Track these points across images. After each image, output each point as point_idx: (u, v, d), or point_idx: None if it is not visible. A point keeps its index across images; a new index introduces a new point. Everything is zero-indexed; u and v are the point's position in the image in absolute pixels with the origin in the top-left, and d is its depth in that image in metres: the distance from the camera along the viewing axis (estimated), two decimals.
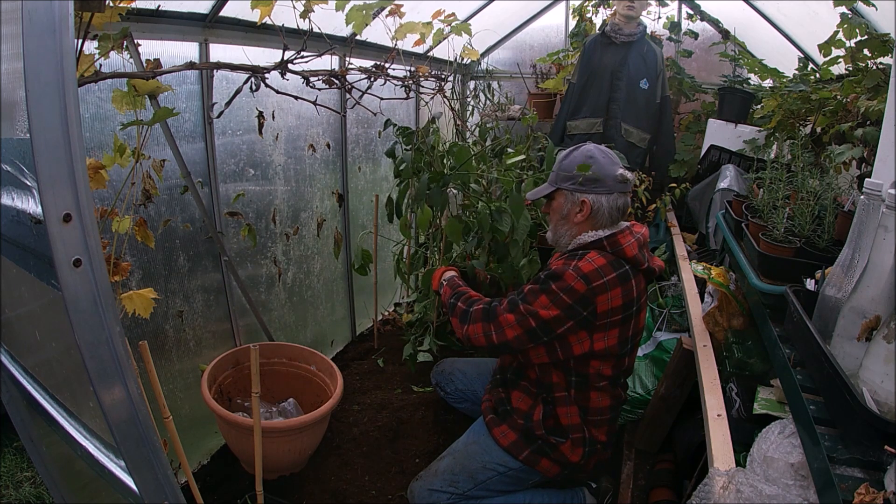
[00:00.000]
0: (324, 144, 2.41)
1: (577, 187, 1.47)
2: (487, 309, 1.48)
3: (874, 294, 1.00)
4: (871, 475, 0.87)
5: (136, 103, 1.23)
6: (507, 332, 1.42)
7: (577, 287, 1.36)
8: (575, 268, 1.38)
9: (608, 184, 1.46)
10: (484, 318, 1.47)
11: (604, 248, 1.44)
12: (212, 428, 1.92)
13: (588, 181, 1.46)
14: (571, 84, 3.09)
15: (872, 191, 1.09)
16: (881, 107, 1.63)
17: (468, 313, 1.51)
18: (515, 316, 1.41)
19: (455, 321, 1.55)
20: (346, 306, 2.80)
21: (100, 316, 0.73)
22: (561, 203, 1.51)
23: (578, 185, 1.47)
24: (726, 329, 1.62)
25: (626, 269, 1.42)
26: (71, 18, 0.66)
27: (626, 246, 1.43)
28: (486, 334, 1.45)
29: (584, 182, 1.46)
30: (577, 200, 1.48)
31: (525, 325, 1.40)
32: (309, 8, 1.60)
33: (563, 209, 1.51)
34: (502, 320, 1.43)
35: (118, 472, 0.86)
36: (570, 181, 1.48)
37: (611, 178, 1.47)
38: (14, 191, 0.80)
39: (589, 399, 1.47)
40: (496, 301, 1.51)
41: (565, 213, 1.51)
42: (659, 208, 2.72)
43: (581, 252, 1.45)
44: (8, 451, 2.06)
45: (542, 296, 1.39)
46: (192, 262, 1.82)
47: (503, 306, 1.45)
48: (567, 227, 1.51)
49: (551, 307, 1.38)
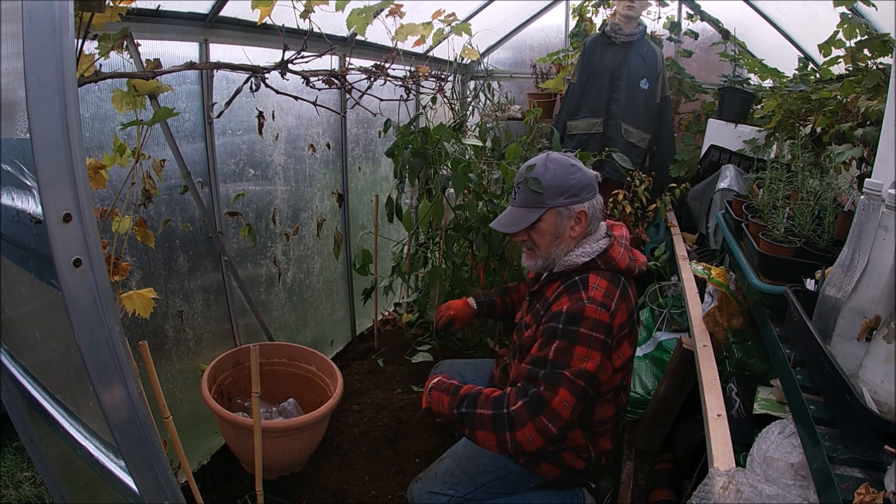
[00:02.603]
0: (324, 144, 2.41)
1: (573, 199, 1.37)
2: (527, 401, 1.24)
3: (874, 294, 1.00)
4: (871, 475, 0.87)
5: (136, 103, 1.23)
6: (565, 412, 1.23)
7: (602, 318, 1.27)
8: (590, 300, 1.28)
9: (594, 186, 1.41)
10: (530, 413, 1.23)
11: (598, 266, 1.36)
12: (212, 428, 1.92)
13: (580, 189, 1.37)
14: (571, 84, 3.09)
15: (872, 191, 1.09)
16: (881, 107, 1.62)
17: (503, 417, 1.25)
18: (566, 388, 1.23)
19: (485, 435, 1.27)
20: (346, 306, 2.80)
21: (100, 316, 0.73)
22: (553, 223, 1.39)
23: (572, 197, 1.37)
24: (726, 329, 1.62)
25: (623, 282, 1.38)
26: (71, 18, 0.66)
27: (619, 259, 1.38)
28: (543, 431, 1.23)
29: (577, 192, 1.37)
30: (573, 214, 1.38)
31: (577, 391, 1.24)
32: (309, 8, 1.61)
33: (557, 228, 1.39)
34: (556, 404, 1.22)
35: (118, 472, 0.86)
36: (564, 195, 1.37)
37: (593, 180, 1.41)
38: (14, 191, 0.80)
39: (593, 413, 1.43)
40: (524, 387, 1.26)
41: (560, 232, 1.39)
42: (659, 208, 2.72)
43: (578, 277, 1.35)
44: (8, 451, 2.06)
45: (577, 347, 1.25)
46: (192, 262, 1.82)
47: (544, 389, 1.23)
48: (563, 245, 1.40)
49: (592, 353, 1.25)
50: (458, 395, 1.34)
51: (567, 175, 1.38)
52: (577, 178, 1.38)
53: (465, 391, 1.35)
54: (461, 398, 1.33)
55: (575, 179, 1.38)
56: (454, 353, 2.37)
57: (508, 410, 1.26)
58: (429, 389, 1.42)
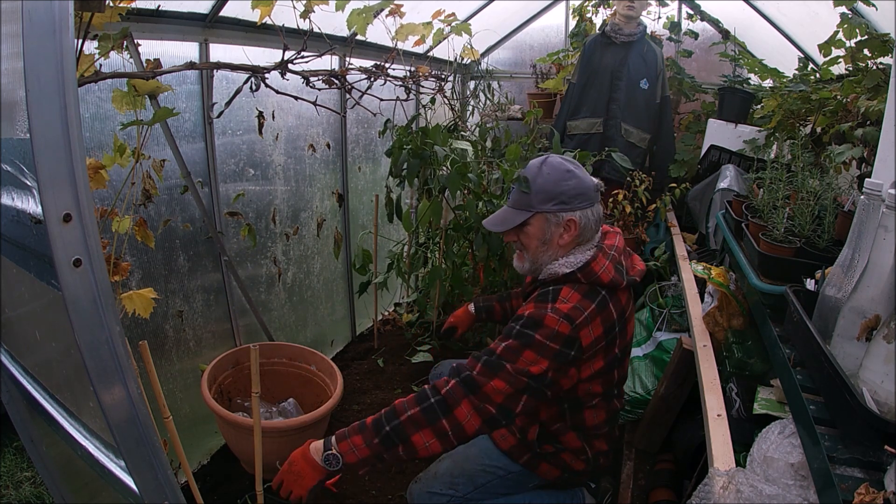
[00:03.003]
0: (324, 144, 2.41)
1: (562, 206, 1.32)
2: (460, 380, 1.21)
3: (874, 294, 1.00)
4: (871, 475, 0.87)
5: (136, 103, 1.23)
6: (497, 398, 1.20)
7: (561, 330, 1.23)
8: (554, 310, 1.25)
9: (590, 195, 1.34)
10: (465, 390, 1.20)
11: (578, 280, 1.31)
12: (212, 428, 1.92)
13: (572, 197, 1.32)
14: (571, 84, 3.09)
15: (872, 191, 1.09)
16: (881, 107, 1.63)
17: (435, 406, 1.19)
18: (503, 379, 1.20)
19: (422, 435, 1.18)
20: (346, 306, 2.80)
21: (100, 316, 0.73)
22: (540, 228, 1.35)
23: (562, 204, 1.32)
24: (726, 329, 1.62)
25: (603, 296, 1.31)
26: (71, 18, 0.66)
27: (602, 272, 1.31)
28: (480, 409, 1.19)
29: (568, 199, 1.32)
30: (561, 221, 1.33)
31: (515, 384, 1.21)
32: (309, 8, 1.61)
33: (545, 234, 1.35)
34: (489, 389, 1.19)
35: (118, 472, 0.86)
36: (553, 201, 1.32)
37: (592, 189, 1.35)
38: (14, 191, 0.80)
39: (584, 419, 1.41)
40: (459, 370, 1.24)
41: (548, 238, 1.35)
42: (659, 208, 2.72)
43: (553, 289, 1.31)
44: (8, 451, 2.06)
45: (527, 351, 1.22)
46: (192, 262, 1.82)
47: (477, 373, 1.21)
48: (551, 251, 1.36)
49: (540, 360, 1.22)
50: (368, 426, 1.20)
51: (560, 181, 1.33)
52: (571, 186, 1.33)
53: (371, 419, 1.23)
54: (375, 423, 1.21)
55: (567, 186, 1.33)
56: (454, 354, 2.38)
57: (441, 394, 1.20)
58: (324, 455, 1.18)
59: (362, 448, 1.18)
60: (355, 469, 1.20)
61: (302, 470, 1.20)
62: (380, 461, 1.21)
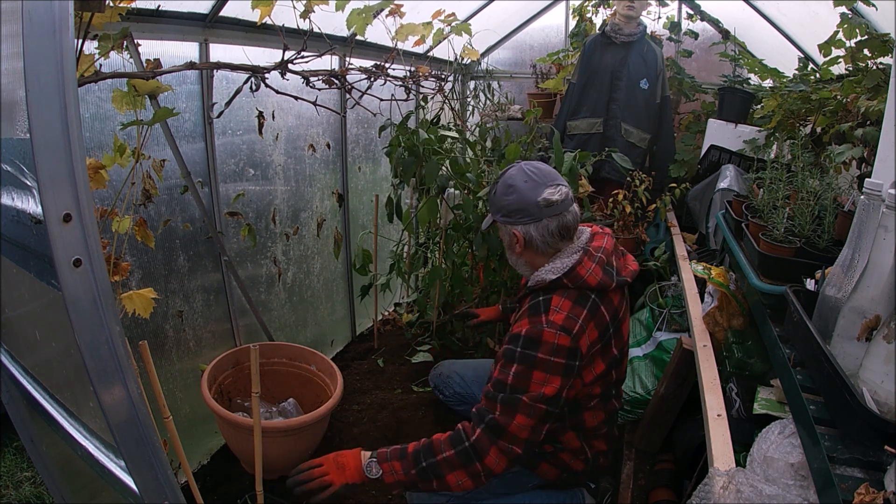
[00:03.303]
0: (324, 144, 2.41)
1: (505, 219, 1.37)
2: (484, 427, 1.25)
3: (874, 294, 1.00)
4: (871, 475, 0.87)
5: (136, 103, 1.23)
6: (522, 434, 1.23)
7: (561, 343, 1.24)
8: (549, 324, 1.25)
9: (532, 212, 1.32)
10: (490, 438, 1.24)
11: (565, 286, 1.31)
12: (212, 428, 1.92)
13: (512, 212, 1.34)
14: (571, 84, 3.09)
15: (872, 191, 1.09)
16: (881, 107, 1.63)
17: (467, 450, 1.25)
18: (523, 413, 1.23)
19: (457, 475, 1.25)
20: (346, 306, 2.80)
21: (100, 316, 0.73)
22: (503, 234, 1.42)
23: (505, 217, 1.36)
24: (726, 329, 1.62)
25: (593, 299, 1.32)
26: (71, 18, 0.66)
27: (588, 276, 1.31)
28: (506, 452, 1.24)
29: (509, 213, 1.35)
30: (509, 232, 1.38)
31: (536, 415, 1.23)
32: (309, 8, 1.61)
33: (505, 240, 1.42)
34: (513, 428, 1.23)
35: (118, 472, 0.86)
36: (500, 213, 1.38)
37: (533, 206, 1.32)
38: (14, 191, 0.80)
39: (583, 420, 1.42)
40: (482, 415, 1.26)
41: (508, 244, 1.42)
42: (659, 208, 2.72)
43: (543, 299, 1.31)
44: (8, 451, 2.06)
45: (535, 372, 1.23)
46: (192, 262, 1.82)
47: (499, 414, 1.24)
48: (515, 257, 1.42)
49: (550, 378, 1.23)
50: (409, 455, 1.28)
51: (503, 195, 1.36)
52: (510, 201, 1.34)
53: (413, 447, 1.30)
54: (415, 454, 1.28)
55: (507, 201, 1.35)
56: (454, 353, 2.38)
57: (470, 442, 1.25)
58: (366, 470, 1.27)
59: (400, 473, 1.27)
60: (390, 488, 1.32)
61: (347, 464, 1.29)
62: (414, 488, 1.32)
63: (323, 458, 1.32)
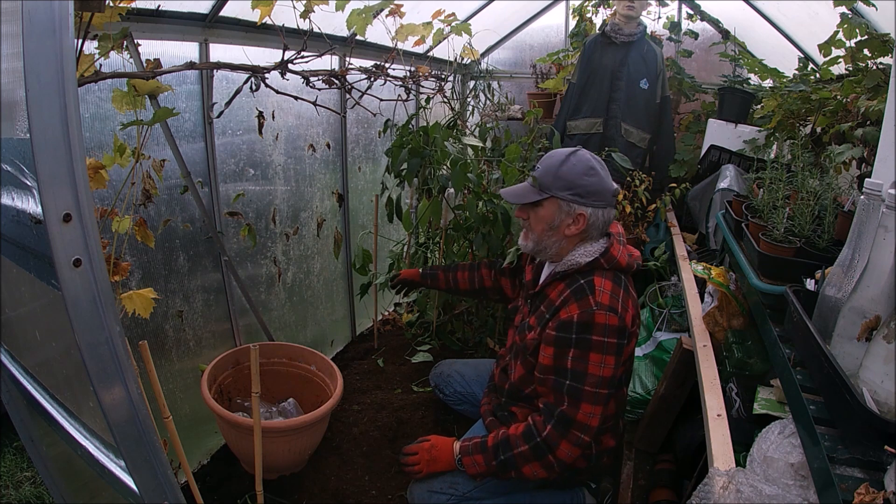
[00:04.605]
0: (324, 144, 2.41)
1: (576, 198, 1.37)
2: (555, 422, 1.32)
3: (874, 294, 1.00)
4: (871, 475, 0.87)
5: (136, 103, 1.23)
6: (592, 421, 1.31)
7: (612, 322, 1.29)
8: (597, 304, 1.30)
9: (606, 198, 1.40)
10: (560, 432, 1.31)
11: (602, 266, 1.36)
12: (212, 428, 1.92)
13: (589, 193, 1.37)
14: (571, 84, 3.09)
15: (872, 191, 1.09)
16: (881, 107, 1.63)
17: (540, 445, 1.33)
18: (588, 401, 1.30)
19: (532, 467, 1.35)
20: (346, 306, 2.80)
21: (100, 316, 0.73)
22: (551, 212, 1.39)
23: (577, 196, 1.37)
24: (726, 329, 1.62)
25: (624, 279, 1.39)
26: (71, 18, 0.66)
27: (620, 257, 1.39)
28: (578, 443, 1.32)
29: (585, 194, 1.37)
30: (572, 212, 1.38)
31: (600, 400, 1.31)
32: (309, 8, 1.61)
33: (554, 219, 1.39)
34: (582, 417, 1.30)
35: (118, 472, 0.86)
36: (570, 190, 1.37)
37: (610, 192, 1.40)
38: (14, 191, 0.80)
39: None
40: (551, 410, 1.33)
41: (556, 224, 1.39)
42: (659, 208, 2.72)
43: (583, 281, 1.35)
44: (8, 451, 2.06)
45: (592, 354, 1.29)
46: (192, 262, 1.82)
47: (567, 406, 1.30)
48: (556, 238, 1.41)
49: (606, 359, 1.29)
50: (489, 448, 1.40)
51: (582, 174, 1.37)
52: (590, 182, 1.37)
53: (492, 441, 1.40)
54: (494, 448, 1.39)
55: (587, 182, 1.37)
56: (454, 353, 2.38)
57: (541, 437, 1.33)
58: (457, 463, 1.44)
59: (482, 465, 1.40)
60: (473, 478, 1.43)
61: (440, 457, 1.46)
62: (495, 477, 1.42)
63: (419, 446, 1.49)
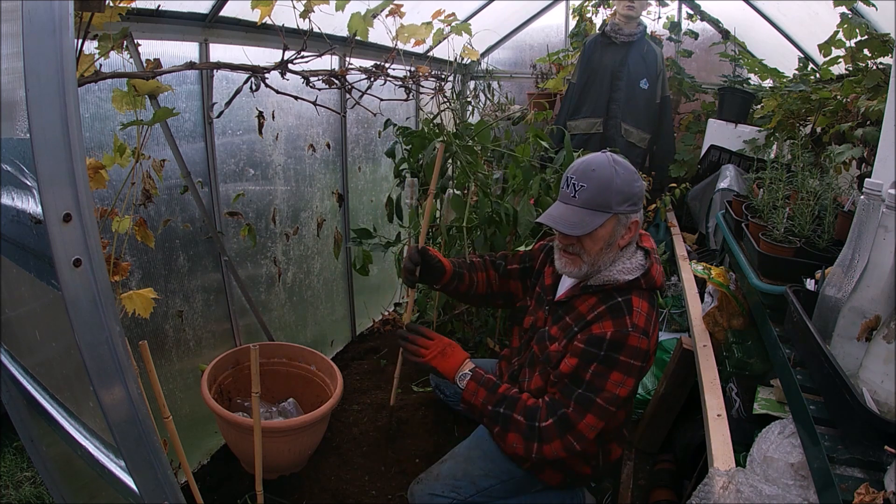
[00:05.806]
0: (324, 144, 2.41)
1: (633, 207, 1.30)
2: (557, 420, 1.28)
3: (874, 294, 1.00)
4: (871, 475, 0.87)
5: (136, 103, 1.23)
6: (590, 434, 1.28)
7: (642, 346, 1.26)
8: (633, 326, 1.25)
9: (641, 200, 1.35)
10: (559, 432, 1.27)
11: (641, 286, 1.31)
12: (212, 428, 1.92)
13: (640, 197, 1.31)
14: (571, 84, 3.09)
15: (872, 191, 1.09)
16: (881, 107, 1.63)
17: (535, 429, 1.29)
18: (595, 414, 1.26)
19: (516, 438, 1.31)
20: (346, 306, 2.80)
21: (100, 316, 0.73)
22: (610, 230, 1.28)
23: (633, 206, 1.30)
24: (726, 329, 1.62)
25: (653, 298, 1.35)
26: (71, 18, 0.66)
27: (657, 276, 1.34)
28: (568, 448, 1.28)
29: (637, 200, 1.30)
30: (629, 222, 1.30)
31: (607, 416, 1.27)
32: (309, 8, 1.61)
33: (613, 236, 1.29)
34: (583, 427, 1.26)
35: (118, 472, 0.86)
36: (628, 202, 1.28)
37: (643, 194, 1.35)
38: (14, 191, 0.80)
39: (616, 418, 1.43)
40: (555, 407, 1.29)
41: (613, 240, 1.30)
42: (659, 208, 2.72)
43: (621, 299, 1.29)
44: (8, 451, 2.06)
45: (614, 373, 1.25)
46: (192, 262, 1.82)
47: (572, 411, 1.26)
48: (612, 254, 1.32)
49: (627, 380, 1.26)
50: (496, 393, 1.35)
51: (633, 181, 1.30)
52: (639, 186, 1.32)
53: (503, 390, 1.35)
54: (500, 397, 1.34)
55: (637, 187, 1.31)
56: None
57: (540, 424, 1.29)
58: (458, 376, 1.39)
59: (479, 400, 1.36)
60: (463, 401, 1.39)
61: (449, 357, 1.41)
62: (479, 418, 1.40)
63: (439, 339, 1.44)
